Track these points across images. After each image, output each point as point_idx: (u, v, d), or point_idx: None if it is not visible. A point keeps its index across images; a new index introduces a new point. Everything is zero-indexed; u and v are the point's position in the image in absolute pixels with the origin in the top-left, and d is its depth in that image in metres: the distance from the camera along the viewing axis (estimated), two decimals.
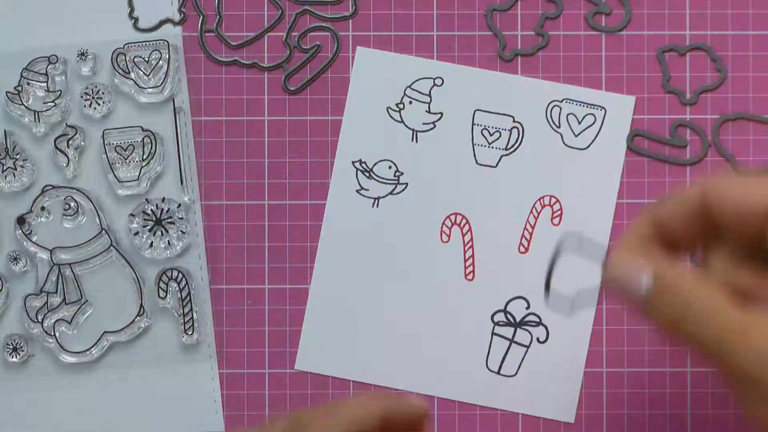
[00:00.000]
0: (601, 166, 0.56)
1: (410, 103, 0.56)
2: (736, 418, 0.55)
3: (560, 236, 0.47)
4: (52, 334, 0.55)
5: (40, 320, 0.55)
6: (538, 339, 0.56)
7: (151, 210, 0.56)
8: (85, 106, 0.56)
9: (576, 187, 0.56)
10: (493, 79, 0.56)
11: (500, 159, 0.56)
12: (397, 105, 0.56)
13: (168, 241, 0.56)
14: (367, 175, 0.56)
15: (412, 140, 0.56)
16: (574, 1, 0.56)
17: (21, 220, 0.56)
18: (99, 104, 0.56)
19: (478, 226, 0.56)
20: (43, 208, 0.56)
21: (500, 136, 0.56)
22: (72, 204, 0.56)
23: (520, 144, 0.56)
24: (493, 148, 0.56)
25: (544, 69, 0.56)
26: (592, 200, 0.56)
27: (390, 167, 0.56)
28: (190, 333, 0.56)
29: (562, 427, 0.56)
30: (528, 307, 0.56)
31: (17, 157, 0.56)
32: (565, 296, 0.47)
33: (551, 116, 0.56)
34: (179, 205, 0.56)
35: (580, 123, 0.56)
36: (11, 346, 0.55)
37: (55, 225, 0.56)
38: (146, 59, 0.56)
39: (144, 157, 0.56)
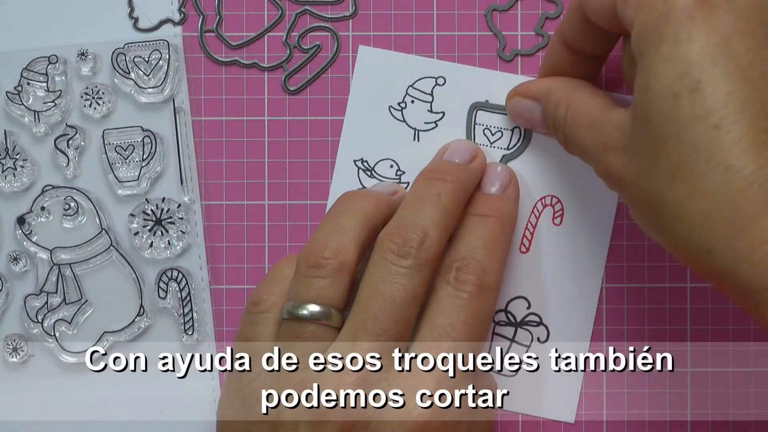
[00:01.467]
0: None
1: (412, 102, 0.56)
2: (736, 419, 0.55)
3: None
4: (52, 334, 0.55)
5: (40, 320, 0.55)
6: (538, 339, 0.56)
7: (151, 210, 0.56)
8: (85, 106, 0.56)
9: (578, 187, 0.56)
10: (496, 78, 0.56)
11: (502, 159, 0.56)
12: (399, 104, 0.56)
13: (168, 241, 0.56)
14: (369, 173, 0.56)
15: (414, 139, 0.56)
16: None
17: (21, 220, 0.56)
18: (99, 104, 0.56)
19: None
20: (43, 208, 0.56)
21: (502, 135, 0.56)
22: (72, 204, 0.56)
23: (521, 144, 0.56)
24: (494, 147, 0.56)
25: None
26: (593, 200, 0.56)
27: (392, 166, 0.56)
28: (190, 333, 0.56)
29: (562, 428, 0.56)
30: (528, 307, 0.56)
31: (17, 157, 0.56)
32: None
33: None
34: (179, 205, 0.56)
35: None
36: (11, 346, 0.56)
37: (55, 225, 0.56)
38: (146, 59, 0.56)
39: (144, 157, 0.56)
